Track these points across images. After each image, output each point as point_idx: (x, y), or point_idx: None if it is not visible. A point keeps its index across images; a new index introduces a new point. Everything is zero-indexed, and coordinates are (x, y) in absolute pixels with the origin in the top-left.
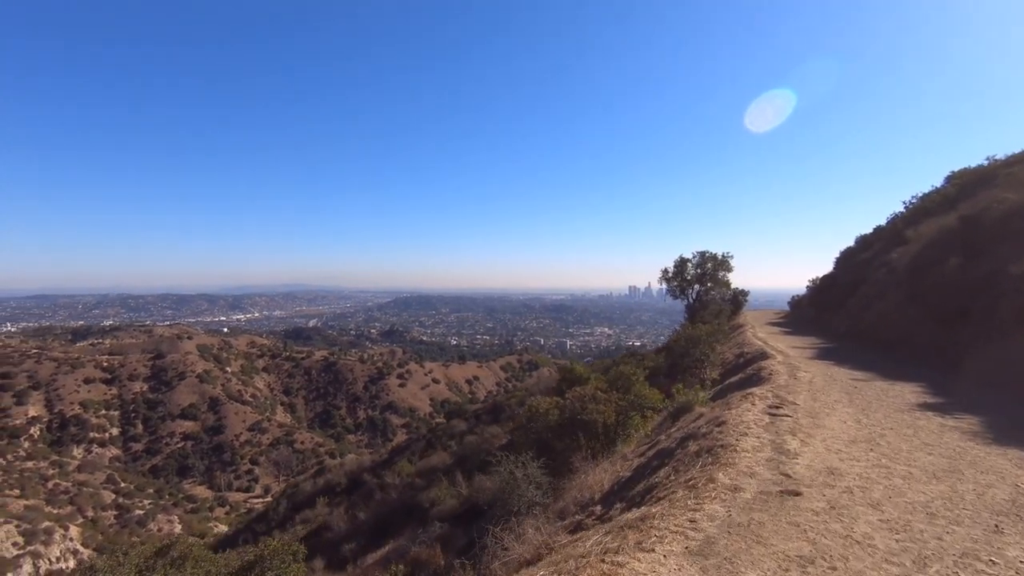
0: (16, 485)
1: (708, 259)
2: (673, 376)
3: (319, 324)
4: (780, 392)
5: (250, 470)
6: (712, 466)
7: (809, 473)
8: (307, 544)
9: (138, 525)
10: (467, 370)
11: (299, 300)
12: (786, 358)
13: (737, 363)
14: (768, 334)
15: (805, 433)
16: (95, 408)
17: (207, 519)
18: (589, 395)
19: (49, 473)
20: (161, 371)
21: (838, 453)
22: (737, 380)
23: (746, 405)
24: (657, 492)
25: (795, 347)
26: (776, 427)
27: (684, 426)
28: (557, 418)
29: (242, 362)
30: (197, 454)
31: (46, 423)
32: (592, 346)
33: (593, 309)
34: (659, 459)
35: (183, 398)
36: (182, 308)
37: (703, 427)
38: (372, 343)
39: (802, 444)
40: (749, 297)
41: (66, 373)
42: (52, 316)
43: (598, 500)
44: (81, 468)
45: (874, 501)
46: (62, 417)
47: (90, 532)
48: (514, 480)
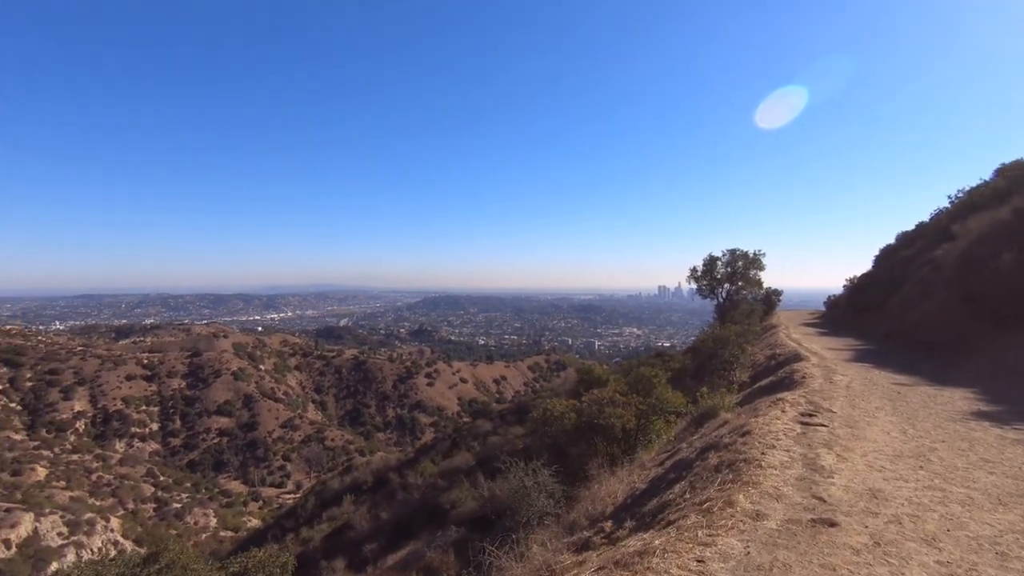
0: (63, 477)
1: (739, 257)
2: (700, 378)
3: (350, 323)
4: (814, 398)
5: (282, 466)
6: (732, 484)
7: (847, 496)
8: (330, 542)
9: (175, 518)
10: (495, 370)
11: (330, 300)
12: (821, 360)
13: (768, 365)
14: (802, 335)
15: (842, 446)
16: (136, 404)
17: (241, 513)
18: (607, 398)
19: (93, 466)
20: (198, 368)
21: (882, 471)
22: (768, 383)
23: (775, 412)
24: (668, 513)
25: (831, 349)
26: (809, 438)
27: (707, 434)
28: (573, 422)
29: (275, 360)
30: (232, 450)
31: (91, 418)
32: (621, 346)
33: (622, 309)
34: (676, 471)
35: (219, 395)
36: (219, 307)
37: (726, 437)
38: (401, 342)
39: (839, 459)
40: (783, 297)
41: (109, 370)
42: (97, 315)
43: (610, 514)
44: (123, 462)
45: (928, 535)
46: (105, 412)
47: (130, 524)
48: (524, 489)
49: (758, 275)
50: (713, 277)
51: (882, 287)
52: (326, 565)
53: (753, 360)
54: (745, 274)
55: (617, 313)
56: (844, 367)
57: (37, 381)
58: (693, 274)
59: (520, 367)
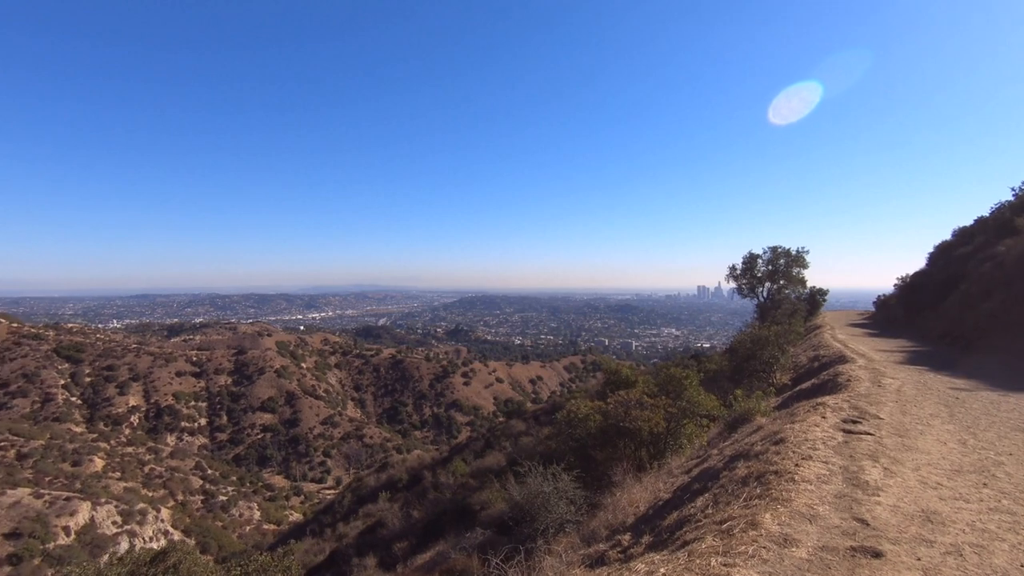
0: (118, 468)
1: (780, 255)
2: (737, 380)
3: (388, 323)
4: (859, 402)
5: (323, 462)
6: (759, 500)
7: (895, 519)
8: (363, 539)
9: (222, 510)
10: (530, 370)
11: (369, 300)
12: (869, 362)
13: (811, 367)
14: (849, 336)
15: (890, 458)
16: (186, 399)
17: (283, 507)
18: (634, 400)
19: (146, 458)
20: (243, 366)
21: (937, 489)
22: (809, 386)
23: (814, 418)
24: (686, 531)
25: (880, 350)
26: (851, 449)
27: (739, 440)
28: (598, 424)
29: (316, 358)
30: (275, 445)
31: (144, 412)
32: (658, 347)
33: (660, 309)
34: (702, 481)
35: (263, 392)
36: (263, 307)
37: (757, 444)
38: (438, 342)
39: (886, 474)
40: (829, 297)
41: (161, 366)
42: (151, 313)
43: (629, 526)
44: (173, 455)
45: (997, 571)
46: (157, 407)
47: (179, 515)
48: (543, 496)
49: (801, 273)
50: (753, 275)
51: (938, 286)
52: (357, 562)
53: (795, 362)
54: (787, 272)
55: (655, 313)
56: (894, 370)
57: (95, 376)
58: (732, 273)
59: (556, 367)
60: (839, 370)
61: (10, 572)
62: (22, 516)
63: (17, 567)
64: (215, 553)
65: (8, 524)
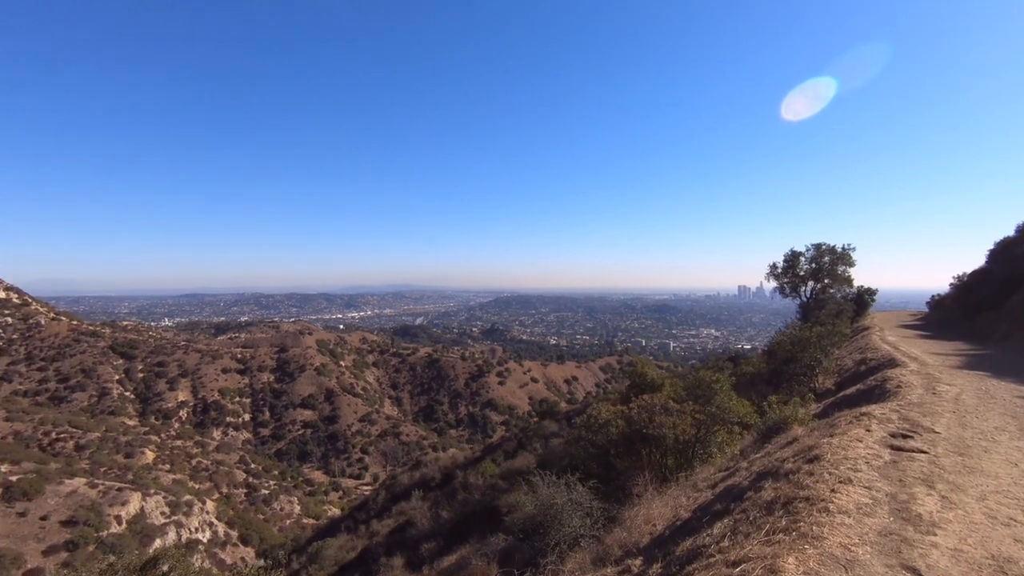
0: (167, 460)
1: (825, 252)
2: (776, 384)
3: (424, 322)
4: (910, 413)
5: (360, 458)
6: (783, 536)
7: (959, 570)
8: (393, 538)
9: (264, 504)
10: (566, 370)
11: (406, 299)
12: (921, 366)
13: (857, 371)
14: (900, 338)
15: (949, 483)
16: (231, 395)
17: (322, 502)
18: (659, 405)
19: (193, 451)
20: (285, 364)
21: (1010, 526)
22: (854, 392)
23: (857, 430)
24: (695, 567)
25: (934, 353)
26: (901, 470)
27: (771, 452)
28: (620, 430)
29: (354, 357)
30: (315, 441)
31: (192, 407)
32: (697, 348)
33: (699, 310)
34: (724, 501)
35: (303, 389)
36: (305, 306)
37: (789, 461)
38: (474, 341)
39: (944, 505)
40: (879, 297)
41: (208, 363)
42: (200, 312)
43: (643, 548)
44: (219, 448)
45: None
46: (204, 402)
47: (223, 507)
48: (554, 508)
49: (847, 272)
50: (795, 274)
51: (999, 285)
52: (385, 562)
53: (839, 365)
54: (832, 271)
55: (693, 314)
56: (951, 375)
57: (147, 372)
58: (773, 271)
59: (591, 368)
60: (888, 375)
61: (66, 557)
62: (78, 505)
63: (73, 553)
64: (256, 545)
65: (65, 512)
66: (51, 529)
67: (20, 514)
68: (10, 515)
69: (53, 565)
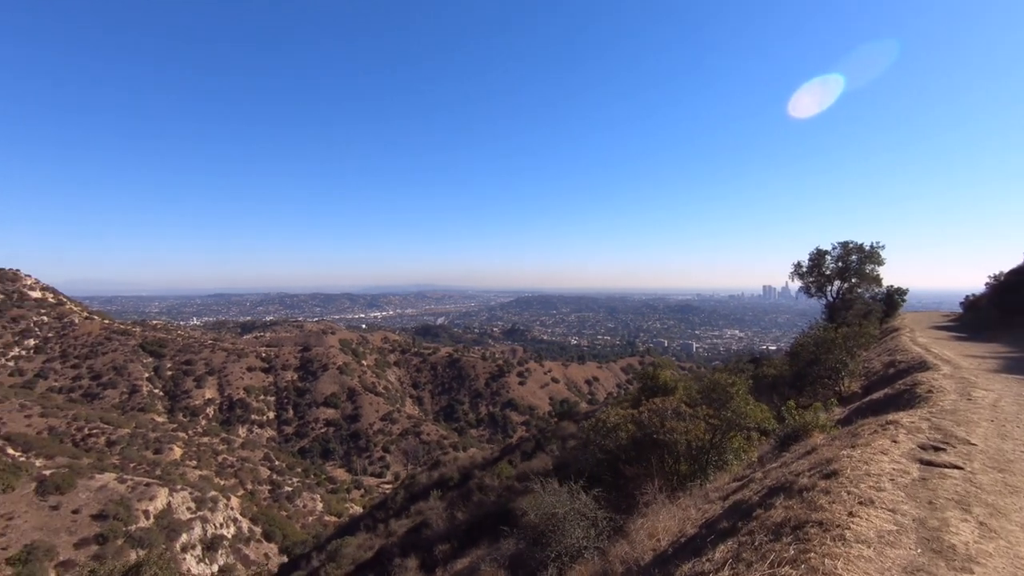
0: (194, 456)
1: (852, 250)
2: (800, 387)
3: (446, 322)
4: (943, 421)
5: (382, 457)
6: (790, 570)
7: None
8: (409, 539)
9: (287, 500)
10: (587, 370)
11: (428, 299)
12: (955, 370)
13: (885, 374)
14: (932, 339)
15: (988, 506)
16: (256, 393)
17: (344, 500)
18: (671, 409)
19: (219, 448)
20: (308, 363)
21: None
22: (881, 397)
23: (882, 441)
24: None
25: (969, 356)
26: (931, 489)
27: (786, 464)
28: (630, 435)
29: (376, 356)
30: (337, 439)
31: (218, 405)
32: (720, 349)
33: (722, 310)
34: (732, 518)
35: (326, 387)
36: (328, 306)
37: (804, 475)
38: (494, 341)
39: (982, 533)
40: (910, 297)
41: (233, 362)
42: (227, 312)
43: (645, 567)
44: (244, 445)
45: None
46: (230, 400)
47: (247, 504)
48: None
49: (876, 271)
50: (821, 273)
51: None
52: (399, 563)
53: (867, 368)
54: (860, 270)
55: (717, 314)
56: (987, 379)
57: (176, 370)
58: (797, 270)
59: (613, 368)
60: (918, 379)
61: (97, 550)
62: (108, 499)
63: (103, 546)
64: (279, 542)
65: (96, 506)
66: (82, 522)
67: (53, 507)
68: (44, 508)
69: (84, 557)
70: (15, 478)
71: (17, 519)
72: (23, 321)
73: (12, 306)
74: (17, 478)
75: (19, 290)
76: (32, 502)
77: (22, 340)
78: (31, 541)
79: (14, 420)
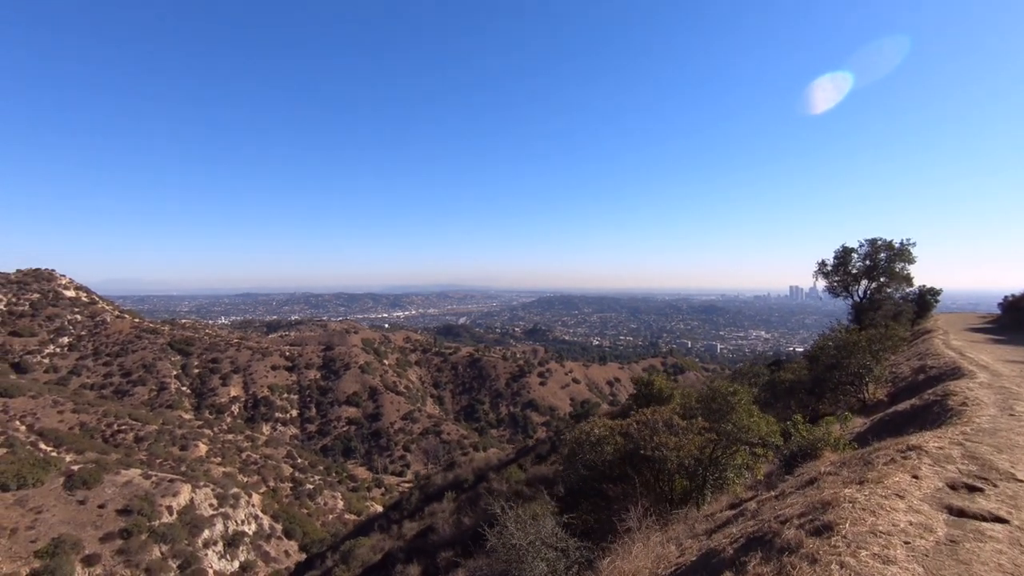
0: (219, 453)
1: (880, 248)
2: (819, 394)
3: (467, 322)
4: (979, 447)
5: (403, 456)
6: None
7: None
8: (415, 544)
9: (308, 498)
10: (608, 371)
11: (450, 299)
12: (993, 377)
13: (915, 381)
14: (967, 342)
15: None
16: (280, 392)
17: (365, 498)
18: (662, 421)
19: (243, 445)
20: (331, 361)
21: None
22: (908, 408)
23: (899, 476)
24: None
25: (1009, 361)
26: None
27: (784, 494)
28: (617, 449)
29: (397, 356)
30: (359, 438)
31: (243, 402)
32: (745, 350)
33: (748, 311)
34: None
35: (348, 386)
36: (352, 305)
37: (792, 524)
38: (516, 341)
39: None
40: (947, 299)
41: (258, 360)
42: (253, 311)
43: None
44: (268, 443)
45: None
46: (255, 398)
47: (269, 501)
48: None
49: (906, 269)
50: (847, 272)
51: None
52: (401, 569)
53: (895, 373)
54: (889, 268)
55: (742, 315)
56: None
57: (202, 368)
58: (821, 269)
59: (634, 369)
60: (950, 388)
61: (121, 545)
62: (133, 494)
63: (127, 540)
64: (299, 539)
65: (121, 501)
66: (108, 517)
67: (80, 502)
68: (71, 502)
69: (109, 551)
70: (45, 473)
71: (45, 512)
72: (57, 319)
73: (48, 305)
74: (47, 473)
75: (54, 289)
76: (60, 496)
77: (57, 338)
78: (58, 534)
79: (47, 416)
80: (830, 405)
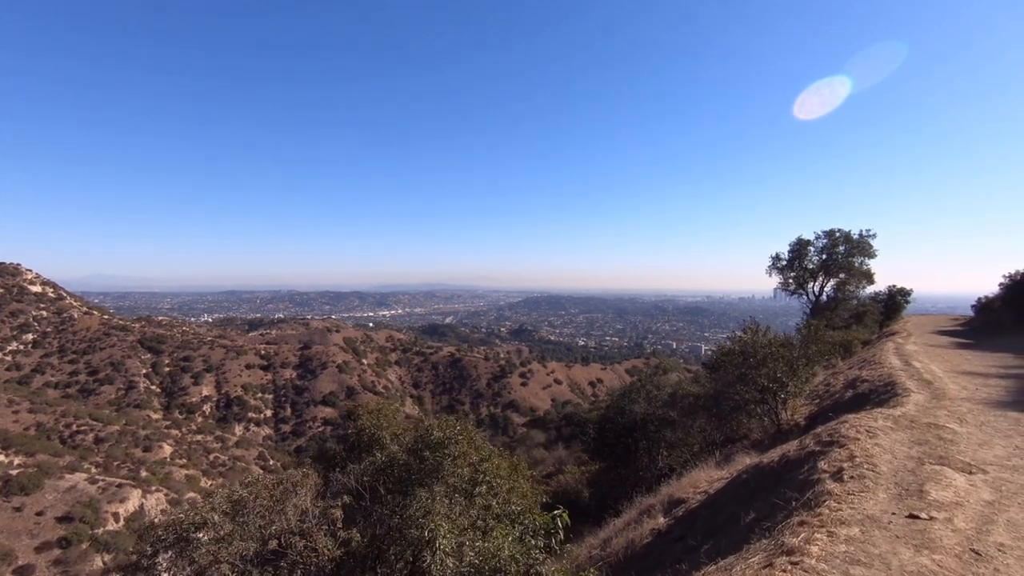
0: (184, 455)
1: (838, 240)
2: (721, 415)
3: (454, 321)
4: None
5: None
6: None
7: None
8: None
9: None
10: (590, 372)
11: (437, 298)
12: (931, 402)
13: (842, 398)
14: (928, 346)
15: None
16: (253, 391)
17: None
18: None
19: (213, 446)
20: (308, 361)
21: None
22: (775, 463)
23: None
24: None
25: (968, 372)
26: None
27: None
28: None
29: (377, 355)
30: (335, 439)
31: (215, 402)
32: None
33: (732, 312)
34: None
35: (325, 386)
36: (338, 304)
37: None
38: (501, 341)
39: None
40: (924, 300)
41: (232, 359)
42: (237, 308)
43: None
44: (239, 444)
45: None
46: (227, 397)
47: None
48: None
49: (866, 264)
50: (803, 267)
51: None
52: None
53: (828, 388)
54: (847, 263)
55: (727, 316)
56: (983, 423)
57: (173, 367)
58: (775, 264)
59: (617, 370)
60: (843, 432)
61: (59, 555)
62: (76, 500)
63: (66, 550)
64: None
65: (62, 508)
66: (46, 525)
67: (16, 509)
68: (6, 509)
69: (44, 562)
70: None
71: None
72: (22, 316)
73: (11, 300)
74: None
75: (19, 284)
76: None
77: (20, 335)
78: None
79: (1, 416)
80: (739, 427)
